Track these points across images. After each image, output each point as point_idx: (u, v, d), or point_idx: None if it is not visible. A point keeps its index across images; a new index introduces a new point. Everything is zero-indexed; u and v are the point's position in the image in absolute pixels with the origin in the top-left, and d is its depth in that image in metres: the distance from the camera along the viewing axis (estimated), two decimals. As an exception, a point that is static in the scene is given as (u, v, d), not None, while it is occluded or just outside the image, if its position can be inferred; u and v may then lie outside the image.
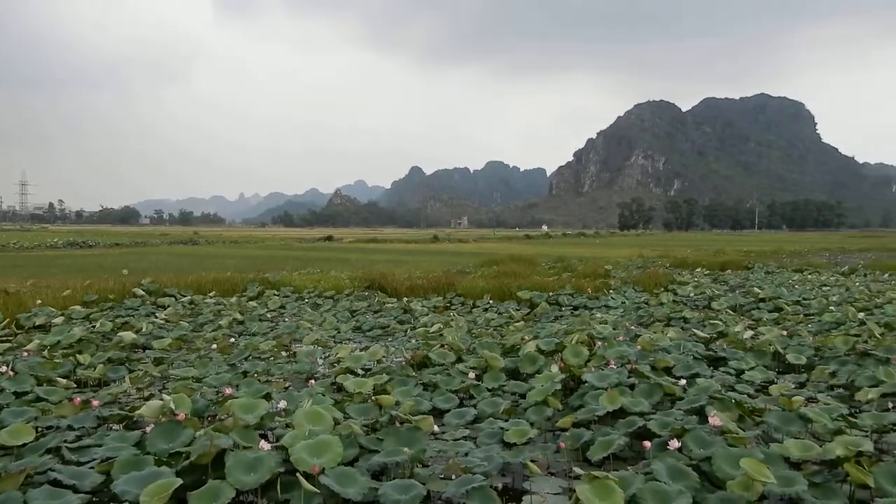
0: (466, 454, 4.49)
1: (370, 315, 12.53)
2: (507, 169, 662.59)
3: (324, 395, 5.55)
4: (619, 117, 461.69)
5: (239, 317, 11.61)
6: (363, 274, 17.59)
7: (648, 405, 5.32)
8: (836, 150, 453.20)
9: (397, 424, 4.77)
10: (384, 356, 8.09)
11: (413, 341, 9.52)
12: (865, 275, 22.99)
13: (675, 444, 4.11)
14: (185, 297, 13.97)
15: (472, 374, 6.49)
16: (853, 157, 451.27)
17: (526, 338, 7.93)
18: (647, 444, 4.28)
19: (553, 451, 4.70)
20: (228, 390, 5.46)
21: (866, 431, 4.76)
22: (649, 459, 4.09)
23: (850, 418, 4.95)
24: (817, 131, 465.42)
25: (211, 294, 14.54)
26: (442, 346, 7.85)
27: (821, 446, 4.08)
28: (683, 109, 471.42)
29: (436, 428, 4.96)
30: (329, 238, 72.19)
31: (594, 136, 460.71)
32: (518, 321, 11.18)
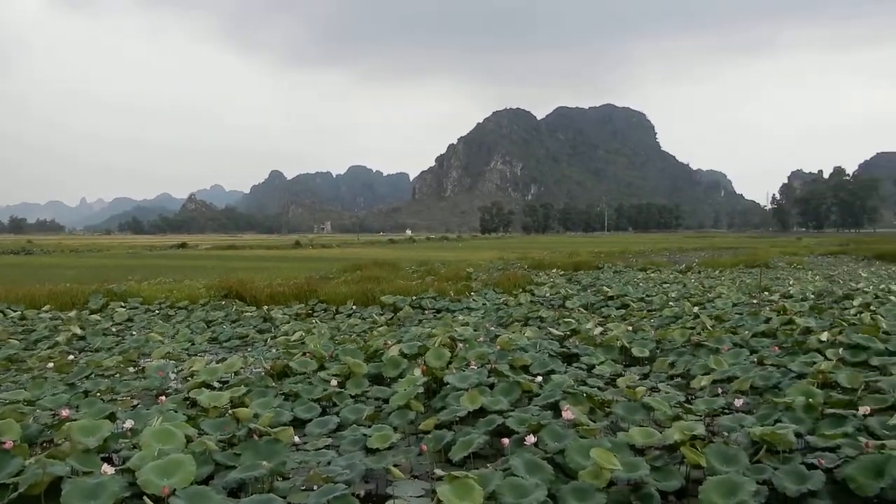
0: (329, 463, 4.41)
1: (228, 325, 12.02)
2: (371, 173, 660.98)
3: (176, 412, 5.24)
4: (478, 123, 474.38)
5: (79, 332, 10.73)
6: (220, 282, 16.84)
7: (507, 403, 5.49)
8: (674, 157, 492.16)
9: (255, 437, 4.61)
10: (242, 367, 7.79)
11: (273, 350, 9.25)
12: (699, 272, 25.15)
13: (531, 439, 4.27)
14: (14, 311, 12.71)
15: (334, 382, 6.40)
16: (688, 164, 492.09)
17: (389, 342, 7.93)
18: (506, 440, 4.42)
19: (416, 454, 4.72)
20: (66, 412, 5.02)
21: (700, 416, 5.19)
22: (508, 455, 4.22)
23: (686, 405, 5.38)
24: (657, 140, 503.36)
25: (46, 308, 13.33)
26: (304, 354, 7.68)
27: (661, 432, 4.40)
28: (538, 117, 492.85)
29: (296, 438, 4.84)
30: (183, 245, 68.49)
31: (455, 141, 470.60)
32: (381, 326, 11.17)
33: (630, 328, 9.54)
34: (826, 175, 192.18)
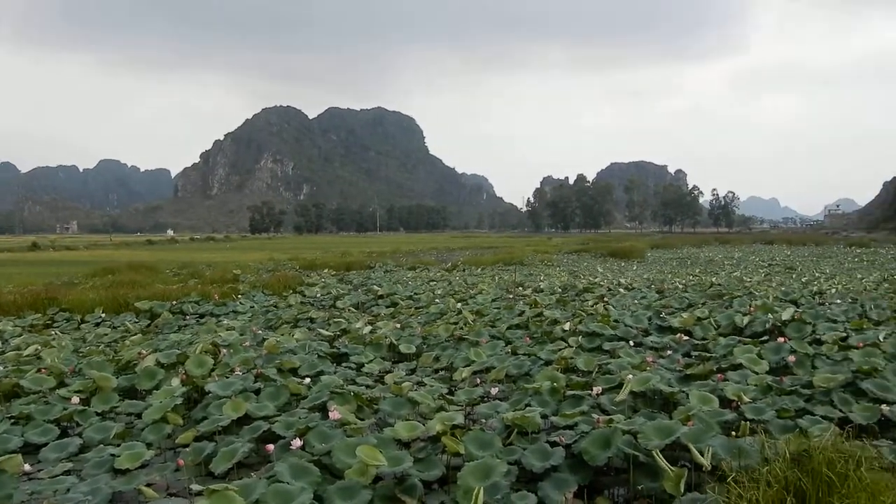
0: (68, 490, 3.95)
1: (-61, 342, 10.23)
2: (125, 169, 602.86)
3: None
4: (247, 120, 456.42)
5: None
6: (-70, 292, 14.29)
7: (274, 408, 5.35)
8: (441, 160, 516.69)
9: (-28, 471, 3.97)
10: (-42, 391, 6.66)
11: (0, 368, 8.05)
12: (464, 270, 26.65)
13: (297, 443, 4.20)
14: None
15: (76, 399, 5.74)
16: (454, 168, 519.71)
17: (144, 352, 7.32)
18: (271, 447, 4.30)
19: (173, 470, 4.41)
20: None
21: (461, 406, 5.49)
22: (273, 462, 4.11)
23: (448, 396, 5.67)
24: (426, 144, 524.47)
25: None
26: (39, 370, 6.79)
27: (425, 424, 4.58)
28: (310, 116, 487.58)
29: (27, 467, 4.26)
30: None
31: (222, 137, 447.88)
32: (136, 335, 10.26)
33: (398, 326, 9.82)
34: (571, 181, 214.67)
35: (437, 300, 13.39)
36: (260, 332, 9.85)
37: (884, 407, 4.85)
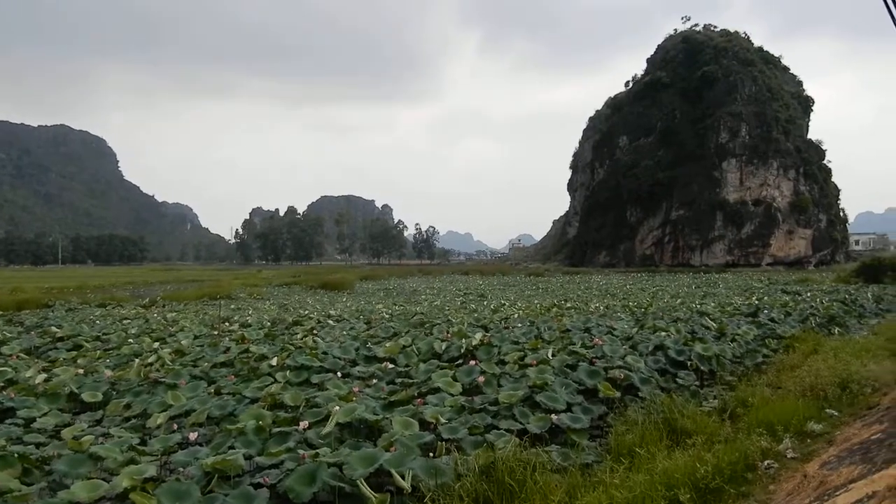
0: None
1: None
2: None
3: None
4: None
5: None
6: None
7: None
8: (138, 188, 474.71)
9: None
10: None
11: None
12: (164, 306, 24.69)
13: (-64, 524, 3.45)
14: None
15: None
16: (154, 196, 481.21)
17: None
18: None
19: None
20: None
21: (155, 456, 5.01)
22: None
23: (140, 447, 5.13)
24: (120, 169, 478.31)
25: None
26: None
27: (110, 482, 4.09)
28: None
29: None
30: None
31: None
32: None
33: (81, 371, 8.68)
34: (282, 213, 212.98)
35: (130, 340, 12.15)
36: None
37: (553, 416, 5.58)
